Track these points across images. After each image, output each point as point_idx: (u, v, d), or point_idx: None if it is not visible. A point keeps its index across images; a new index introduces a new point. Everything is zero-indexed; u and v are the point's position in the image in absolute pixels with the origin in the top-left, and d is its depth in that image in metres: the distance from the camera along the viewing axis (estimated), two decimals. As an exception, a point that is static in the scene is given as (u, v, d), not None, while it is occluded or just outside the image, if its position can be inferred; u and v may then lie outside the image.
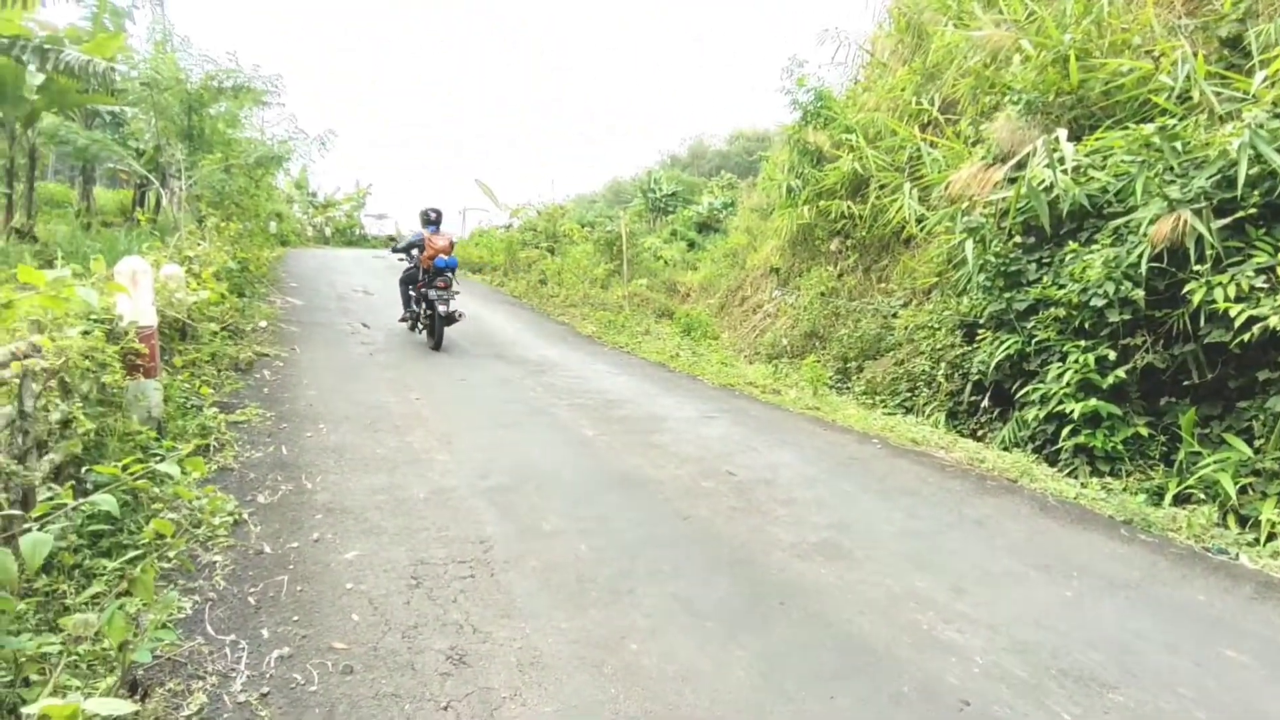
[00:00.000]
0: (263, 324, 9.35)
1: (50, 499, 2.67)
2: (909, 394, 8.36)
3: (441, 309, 8.95)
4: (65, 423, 3.42)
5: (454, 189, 79.10)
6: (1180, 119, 6.30)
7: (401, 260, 9.91)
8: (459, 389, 7.34)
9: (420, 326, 9.65)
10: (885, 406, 8.28)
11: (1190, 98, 6.58)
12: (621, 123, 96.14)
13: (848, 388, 9.33)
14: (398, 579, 3.39)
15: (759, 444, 6.05)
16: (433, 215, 9.39)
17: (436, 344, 9.18)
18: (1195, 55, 6.55)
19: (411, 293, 9.68)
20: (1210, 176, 5.60)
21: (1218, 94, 6.42)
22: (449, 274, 9.09)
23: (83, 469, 3.52)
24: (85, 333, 3.82)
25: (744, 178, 26.13)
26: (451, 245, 9.41)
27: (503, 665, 2.78)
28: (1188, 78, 6.55)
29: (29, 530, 2.23)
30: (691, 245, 22.25)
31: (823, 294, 11.41)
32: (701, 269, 18.15)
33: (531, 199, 24.04)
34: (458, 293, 9.40)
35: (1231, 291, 5.10)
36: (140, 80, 12.37)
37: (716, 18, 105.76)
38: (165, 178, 13.64)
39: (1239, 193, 5.32)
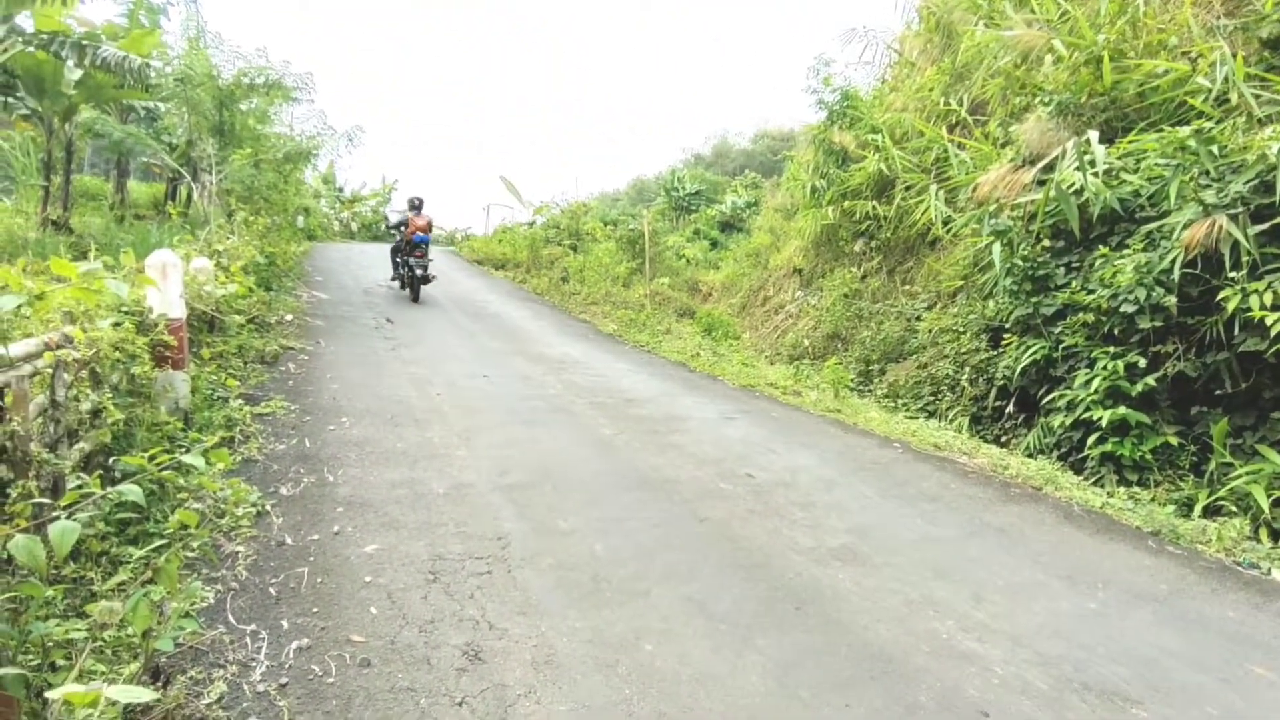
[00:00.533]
0: (289, 317, 9.47)
1: (79, 487, 2.72)
2: (932, 398, 8.27)
3: (419, 271, 11.92)
4: (95, 412, 3.50)
5: (476, 188, 79.84)
6: (1217, 122, 6.16)
7: (392, 234, 12.94)
8: (480, 385, 7.39)
9: (404, 285, 12.68)
10: (907, 410, 8.19)
11: (1228, 100, 6.43)
12: (644, 122, 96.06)
13: (869, 390, 9.24)
14: (416, 573, 3.42)
15: (779, 446, 6.02)
16: (416, 202, 12.28)
17: (415, 297, 12.19)
18: (1234, 56, 6.40)
19: (398, 259, 12.75)
20: (1248, 181, 5.47)
21: (1257, 96, 6.27)
22: (424, 246, 12.10)
23: (111, 458, 3.59)
24: (116, 324, 3.89)
25: (768, 177, 25.98)
26: (429, 225, 12.12)
27: (518, 662, 2.79)
28: (1226, 80, 6.41)
29: (58, 518, 2.27)
30: (714, 244, 22.19)
31: (846, 295, 11.32)
32: (724, 268, 18.09)
33: (555, 197, 24.13)
34: (432, 260, 12.39)
35: (1268, 299, 4.98)
36: (174, 76, 12.57)
37: (737, 17, 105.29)
38: (196, 172, 13.86)
39: (1278, 198, 5.19)
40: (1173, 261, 5.68)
